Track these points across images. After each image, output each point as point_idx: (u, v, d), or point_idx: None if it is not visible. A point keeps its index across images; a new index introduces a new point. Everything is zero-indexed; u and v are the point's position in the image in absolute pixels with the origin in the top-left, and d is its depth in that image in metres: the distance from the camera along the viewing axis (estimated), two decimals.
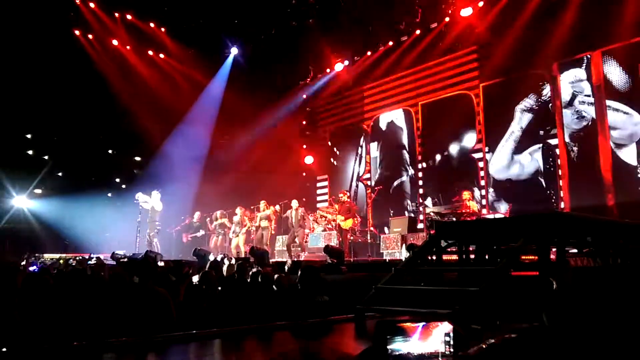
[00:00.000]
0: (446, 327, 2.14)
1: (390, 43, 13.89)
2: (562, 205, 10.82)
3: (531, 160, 11.54)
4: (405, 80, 14.30)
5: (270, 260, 9.77)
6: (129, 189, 14.83)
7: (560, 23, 10.89)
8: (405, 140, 14.40)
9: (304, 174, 17.00)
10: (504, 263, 3.31)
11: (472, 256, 4.52)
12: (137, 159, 16.23)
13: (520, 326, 2.75)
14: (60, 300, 4.18)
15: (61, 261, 9.88)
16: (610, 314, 3.20)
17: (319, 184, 16.52)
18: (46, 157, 14.65)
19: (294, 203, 12.51)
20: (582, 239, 4.55)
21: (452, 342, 2.09)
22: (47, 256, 10.94)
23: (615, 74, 10.34)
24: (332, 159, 16.40)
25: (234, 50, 14.73)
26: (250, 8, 12.62)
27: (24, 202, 14.51)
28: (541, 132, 11.40)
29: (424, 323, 2.17)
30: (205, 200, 14.60)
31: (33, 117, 13.53)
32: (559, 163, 11.03)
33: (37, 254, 10.94)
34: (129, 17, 13.30)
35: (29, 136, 14.59)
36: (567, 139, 10.96)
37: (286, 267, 7.77)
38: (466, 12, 11.87)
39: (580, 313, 3.10)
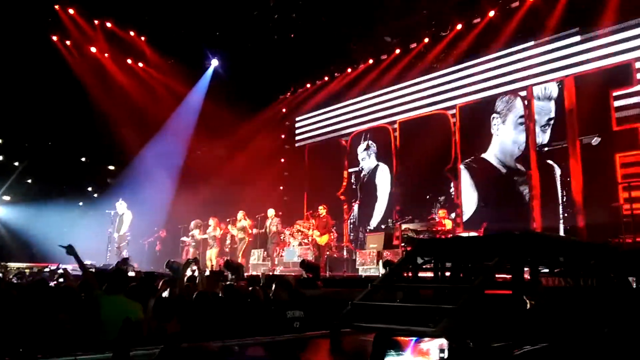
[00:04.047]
0: (440, 342, 2.13)
1: (370, 61, 14.07)
2: (534, 225, 11.01)
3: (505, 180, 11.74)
4: (383, 97, 14.45)
5: (245, 274, 9.60)
6: (101, 198, 14.49)
7: (535, 46, 11.30)
8: (382, 156, 14.49)
9: (282, 187, 16.93)
10: (480, 281, 3.32)
11: (448, 274, 4.53)
12: (111, 167, 15.92)
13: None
14: (22, 312, 4.03)
15: (27, 271, 9.57)
16: (580, 333, 3.24)
17: (296, 198, 16.44)
18: (16, 164, 14.23)
19: (270, 212, 12.41)
20: (555, 259, 4.61)
21: (446, 358, 2.09)
22: (13, 265, 10.56)
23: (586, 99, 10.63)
24: (309, 174, 16.38)
25: (215, 62, 14.68)
26: (232, 20, 12.62)
27: None
28: (515, 153, 11.63)
29: (418, 338, 2.16)
30: (180, 211, 14.36)
31: (5, 122, 13.17)
32: (532, 184, 11.24)
33: (2, 263, 10.55)
34: (108, 24, 13.16)
35: None
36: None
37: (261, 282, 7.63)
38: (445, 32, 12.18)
39: (552, 332, 3.13)
